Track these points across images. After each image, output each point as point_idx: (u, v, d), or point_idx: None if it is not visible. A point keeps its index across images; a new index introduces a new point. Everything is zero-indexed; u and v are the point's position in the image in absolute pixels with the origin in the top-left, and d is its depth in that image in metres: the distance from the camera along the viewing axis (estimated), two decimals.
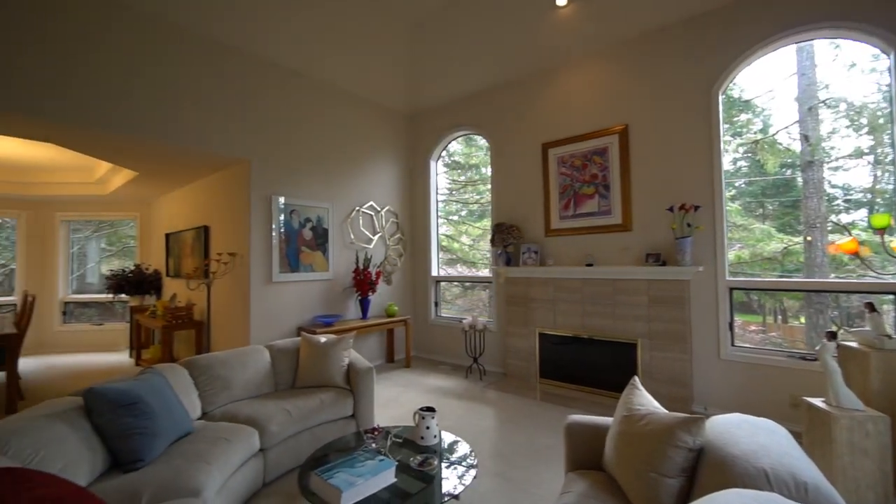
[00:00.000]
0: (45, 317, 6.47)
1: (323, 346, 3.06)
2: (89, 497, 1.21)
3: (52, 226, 6.66)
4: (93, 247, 7.52)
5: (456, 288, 5.71)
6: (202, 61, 3.75)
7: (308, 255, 4.45)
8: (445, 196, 5.76)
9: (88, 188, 6.22)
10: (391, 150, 5.55)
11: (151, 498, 1.67)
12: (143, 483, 1.73)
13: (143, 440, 1.86)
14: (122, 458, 1.86)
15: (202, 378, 2.63)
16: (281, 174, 4.29)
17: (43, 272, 6.63)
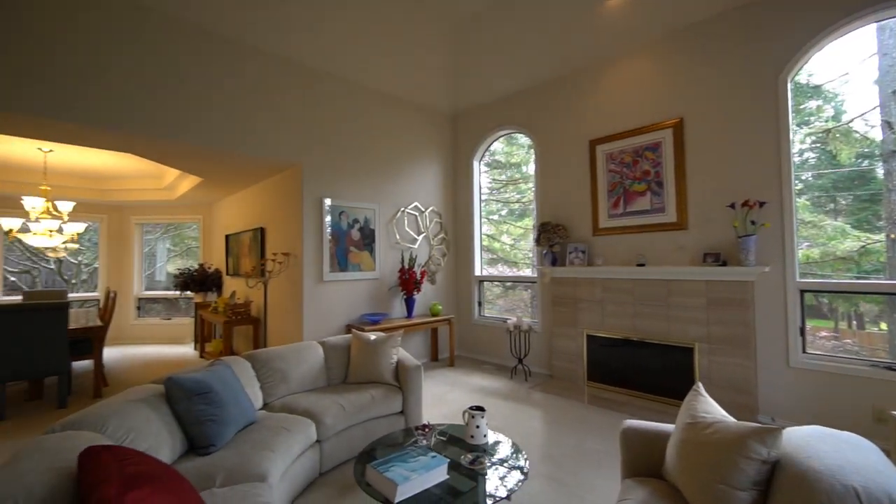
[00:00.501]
0: (122, 311, 7.12)
1: (373, 343, 3.16)
2: (175, 474, 1.33)
3: (129, 228, 7.32)
4: (160, 247, 8.20)
5: (496, 288, 5.68)
6: (261, 73, 3.98)
7: (356, 255, 4.60)
8: (486, 195, 5.75)
9: (159, 194, 6.77)
10: (434, 151, 5.61)
11: (224, 480, 1.80)
12: (215, 466, 1.87)
13: (214, 427, 2.02)
14: (196, 443, 2.02)
15: (263, 371, 2.80)
16: (330, 177, 4.46)
17: (121, 270, 7.30)
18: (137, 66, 3.31)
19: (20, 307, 3.72)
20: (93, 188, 6.72)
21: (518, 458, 2.09)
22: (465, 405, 3.66)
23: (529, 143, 5.24)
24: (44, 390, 4.21)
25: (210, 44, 3.68)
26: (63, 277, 8.07)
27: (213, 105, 3.70)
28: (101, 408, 1.82)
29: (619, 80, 4.21)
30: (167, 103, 3.45)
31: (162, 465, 1.29)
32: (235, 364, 2.64)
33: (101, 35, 3.15)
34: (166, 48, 3.45)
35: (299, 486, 2.31)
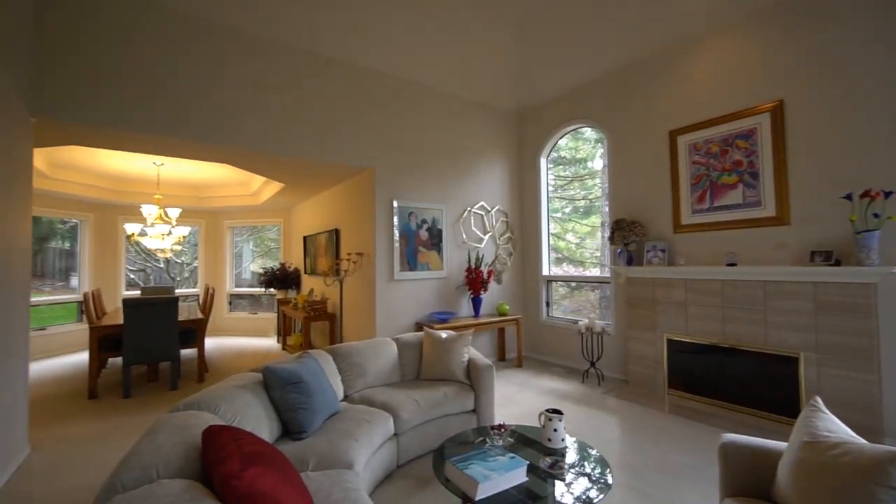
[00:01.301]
0: (216, 306, 7.95)
1: (444, 341, 3.21)
2: (281, 455, 1.45)
3: (222, 231, 8.15)
4: (246, 248, 9.03)
5: (561, 288, 5.50)
6: (338, 83, 4.23)
7: (424, 255, 4.71)
8: (550, 193, 5.59)
9: (246, 199, 7.46)
10: (500, 149, 5.57)
11: (315, 465, 1.93)
12: (307, 451, 2.02)
13: (305, 415, 2.18)
14: (290, 429, 2.20)
15: (343, 364, 2.97)
16: (400, 179, 4.61)
17: (215, 269, 8.16)
18: (236, 86, 3.68)
19: (143, 301, 4.30)
20: (194, 196, 7.58)
21: (600, 466, 2.01)
22: (535, 407, 3.59)
23: (596, 137, 5.02)
24: (159, 374, 4.84)
25: (293, 57, 3.98)
26: (170, 275, 9.18)
27: (297, 117, 4.00)
28: (212, 391, 2.05)
29: (703, 63, 3.87)
30: (258, 118, 3.79)
31: (270, 446, 1.42)
32: (320, 357, 2.83)
33: (205, 61, 3.54)
34: (256, 68, 3.79)
35: (379, 476, 2.41)
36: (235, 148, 3.75)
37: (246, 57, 3.74)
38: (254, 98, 3.77)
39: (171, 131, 3.42)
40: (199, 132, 3.52)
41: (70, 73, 3.04)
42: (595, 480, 1.88)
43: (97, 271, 6.95)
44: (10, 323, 2.72)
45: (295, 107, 3.99)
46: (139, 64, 3.28)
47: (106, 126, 3.19)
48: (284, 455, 1.49)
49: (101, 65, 3.14)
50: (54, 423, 3.47)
